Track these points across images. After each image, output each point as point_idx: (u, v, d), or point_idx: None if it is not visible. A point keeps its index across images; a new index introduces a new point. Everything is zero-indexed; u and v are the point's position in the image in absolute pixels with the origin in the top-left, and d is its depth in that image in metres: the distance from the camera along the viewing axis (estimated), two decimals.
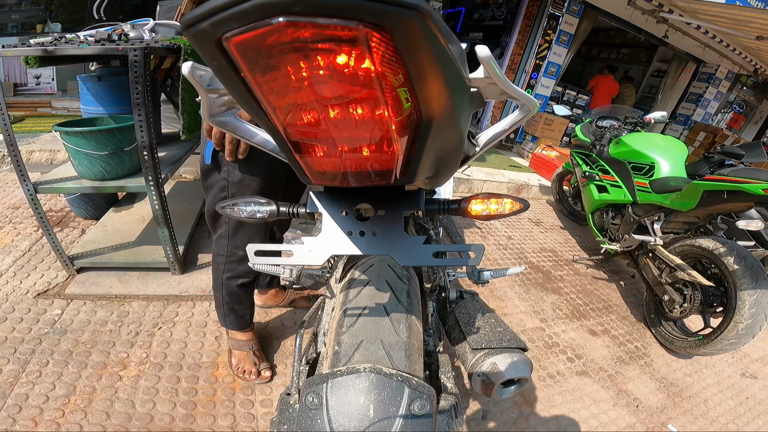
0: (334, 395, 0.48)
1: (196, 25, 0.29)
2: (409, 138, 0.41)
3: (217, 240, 1.23)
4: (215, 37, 0.30)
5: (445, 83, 0.35)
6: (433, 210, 0.63)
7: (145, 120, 1.43)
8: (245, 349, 1.42)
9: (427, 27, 0.28)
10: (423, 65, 0.32)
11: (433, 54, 0.31)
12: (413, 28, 0.28)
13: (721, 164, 2.35)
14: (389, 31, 0.28)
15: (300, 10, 0.26)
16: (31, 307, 1.57)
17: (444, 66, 0.33)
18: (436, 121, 0.39)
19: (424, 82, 0.34)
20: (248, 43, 0.29)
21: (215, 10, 0.27)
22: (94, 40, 1.48)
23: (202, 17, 0.28)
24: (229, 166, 1.05)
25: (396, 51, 0.30)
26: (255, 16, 0.27)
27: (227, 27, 0.28)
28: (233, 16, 0.27)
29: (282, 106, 0.37)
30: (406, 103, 0.36)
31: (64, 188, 1.57)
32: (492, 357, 0.69)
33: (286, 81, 0.33)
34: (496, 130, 0.61)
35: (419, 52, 0.30)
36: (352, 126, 0.38)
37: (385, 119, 0.37)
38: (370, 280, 0.69)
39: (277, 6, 0.26)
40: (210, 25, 0.28)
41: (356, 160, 0.45)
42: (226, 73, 0.34)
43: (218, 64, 0.33)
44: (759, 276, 1.67)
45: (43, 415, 1.18)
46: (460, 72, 0.36)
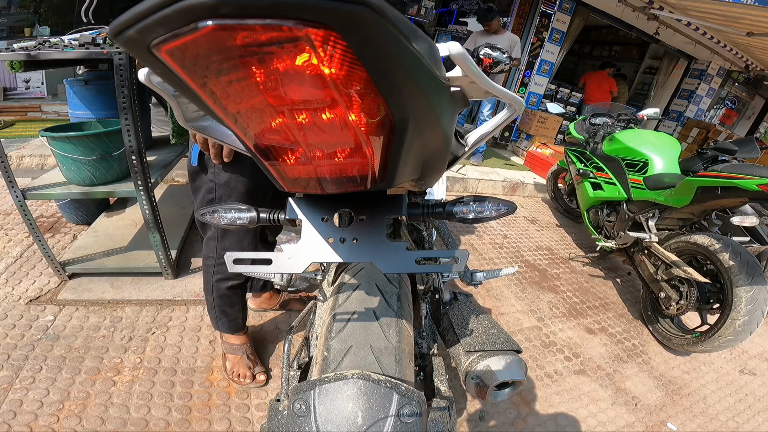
0: (322, 402, 0.47)
1: (123, 33, 0.26)
2: (384, 141, 0.39)
3: (207, 242, 1.22)
4: (145, 44, 0.27)
5: (416, 83, 0.33)
6: (417, 214, 0.61)
7: (133, 124, 1.42)
8: (239, 352, 1.40)
9: (380, 24, 0.25)
10: (384, 66, 0.29)
11: (394, 53, 0.28)
12: (364, 25, 0.25)
13: (715, 160, 2.36)
14: (337, 30, 0.25)
15: (227, 12, 0.23)
16: (23, 313, 1.55)
17: (410, 66, 0.31)
18: (412, 123, 0.37)
19: (390, 83, 0.31)
20: (179, 50, 0.27)
21: (139, 16, 0.25)
22: (78, 43, 1.47)
23: (127, 24, 0.25)
24: (215, 168, 1.04)
25: (351, 51, 0.27)
26: (180, 21, 0.24)
27: (154, 34, 0.26)
28: (157, 22, 0.25)
29: (239, 113, 0.35)
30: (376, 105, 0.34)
31: (53, 194, 1.55)
32: (486, 359, 0.68)
33: (233, 87, 0.31)
34: (484, 130, 0.60)
35: (377, 52, 0.28)
36: (317, 131, 0.36)
37: (351, 123, 0.35)
38: (359, 284, 0.68)
39: (202, 9, 0.23)
40: (137, 32, 0.26)
41: (329, 165, 0.43)
42: (172, 80, 0.32)
43: (161, 71, 0.30)
44: (755, 272, 1.67)
45: (38, 421, 1.18)
46: (432, 71, 0.34)
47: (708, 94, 7.24)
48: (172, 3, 0.23)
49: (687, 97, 7.17)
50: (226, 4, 0.23)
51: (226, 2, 0.23)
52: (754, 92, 8.59)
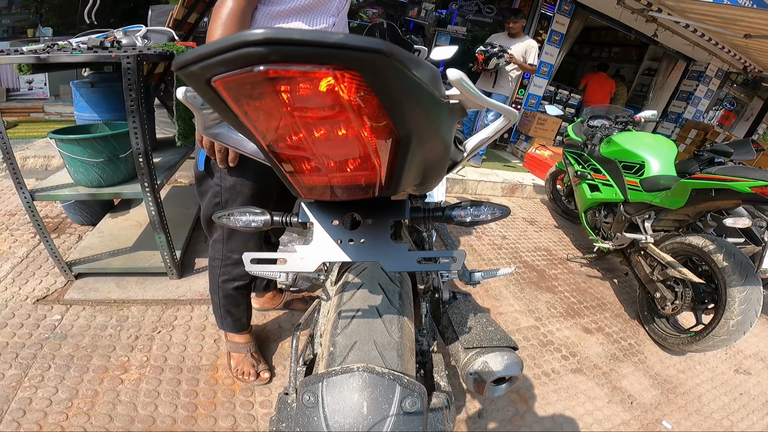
0: (330, 394, 0.50)
1: (187, 68, 0.33)
2: (391, 154, 0.44)
3: (213, 244, 1.25)
4: (205, 78, 0.34)
5: (418, 104, 0.39)
6: (419, 218, 0.66)
7: (140, 127, 1.45)
8: (243, 351, 1.44)
9: (391, 65, 0.32)
10: (392, 94, 0.36)
11: (400, 84, 0.35)
12: (379, 67, 0.32)
13: (711, 162, 2.40)
14: (357, 70, 0.32)
15: (276, 59, 0.31)
16: (30, 312, 1.58)
17: (414, 92, 0.37)
18: (415, 136, 0.42)
19: (396, 106, 0.38)
20: (233, 84, 0.34)
21: (203, 57, 0.32)
22: (86, 47, 1.50)
23: (192, 62, 0.32)
24: (221, 173, 1.07)
25: (366, 85, 0.34)
26: (238, 63, 0.31)
27: (215, 71, 0.33)
28: (219, 63, 0.31)
29: (267, 130, 0.42)
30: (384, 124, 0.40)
31: (61, 195, 1.58)
32: (483, 356, 0.71)
33: (268, 111, 0.38)
34: (482, 137, 0.63)
35: (388, 85, 0.35)
36: (333, 146, 0.43)
37: (363, 139, 0.41)
38: (363, 283, 0.71)
39: (257, 56, 0.30)
40: (200, 69, 0.33)
41: (341, 176, 0.49)
42: (216, 104, 0.39)
43: (209, 97, 0.37)
44: (748, 272, 1.70)
45: (47, 419, 1.20)
46: (433, 93, 0.40)
47: (706, 96, 7.27)
48: (233, 49, 0.30)
49: (685, 99, 7.19)
50: (275, 53, 0.30)
51: (276, 52, 0.30)
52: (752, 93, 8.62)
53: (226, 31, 0.87)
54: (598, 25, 5.99)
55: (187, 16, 2.50)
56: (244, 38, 0.29)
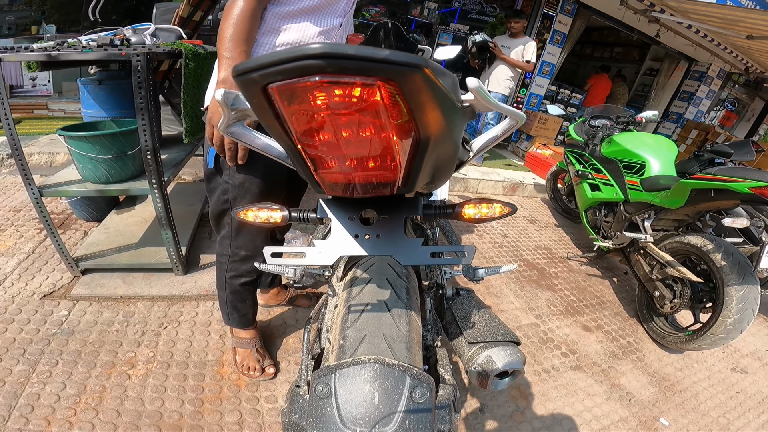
0: (342, 385, 0.52)
1: (247, 74, 0.37)
2: (410, 154, 0.48)
3: (221, 241, 1.26)
4: (262, 84, 0.38)
5: (440, 111, 0.43)
6: (430, 214, 0.69)
7: (149, 124, 1.46)
8: (249, 347, 1.46)
9: (427, 77, 0.37)
10: (422, 102, 0.40)
11: (431, 93, 0.39)
12: (416, 80, 0.37)
13: (711, 162, 2.41)
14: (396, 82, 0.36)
15: (332, 71, 0.35)
16: (37, 308, 1.60)
17: (439, 99, 0.41)
18: (433, 139, 0.46)
19: (423, 113, 0.41)
20: (288, 90, 0.38)
21: (265, 65, 0.36)
22: (96, 45, 1.51)
23: (254, 69, 0.36)
24: (230, 171, 1.09)
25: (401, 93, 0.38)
26: (296, 73, 0.35)
27: (273, 79, 0.37)
28: (279, 72, 0.35)
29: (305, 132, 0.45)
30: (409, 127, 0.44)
31: (69, 191, 1.60)
32: (487, 350, 0.74)
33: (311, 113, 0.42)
34: (488, 137, 0.65)
35: (419, 94, 0.39)
36: (361, 146, 0.47)
37: (390, 141, 0.45)
38: (371, 279, 0.74)
39: (315, 68, 0.34)
40: (260, 76, 0.37)
41: (364, 174, 0.52)
42: (262, 108, 0.43)
43: (258, 101, 0.41)
44: (746, 272, 1.72)
45: (55, 414, 1.21)
46: (453, 100, 0.44)
47: (708, 96, 7.27)
48: (293, 61, 0.34)
49: (687, 99, 7.19)
50: (331, 66, 0.34)
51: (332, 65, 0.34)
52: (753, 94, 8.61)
53: (237, 30, 0.89)
54: (601, 25, 6.00)
55: (193, 14, 2.51)
56: (304, 52, 0.33)
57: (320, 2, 0.99)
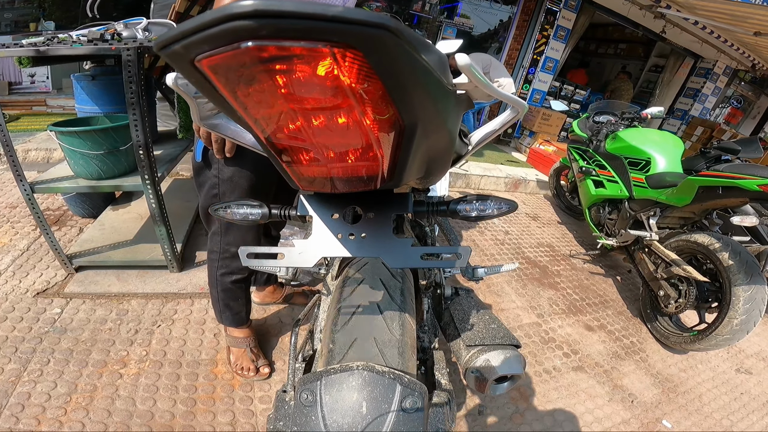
0: (328, 393, 0.49)
1: (169, 47, 0.30)
2: (394, 144, 0.42)
3: (211, 237, 1.24)
4: (189, 58, 0.31)
5: (426, 91, 0.36)
6: (422, 212, 0.64)
7: (140, 119, 1.44)
8: (242, 346, 1.43)
9: (396, 43, 0.29)
10: (398, 78, 0.33)
11: (408, 67, 0.32)
12: (383, 45, 0.29)
13: (718, 160, 2.36)
14: (360, 49, 0.29)
15: (266, 34, 0.27)
16: (30, 306, 1.58)
17: (421, 76, 0.34)
18: (421, 126, 0.40)
19: (402, 92, 0.34)
20: (219, 64, 0.31)
21: (186, 34, 0.28)
22: (86, 39, 1.48)
23: (174, 40, 0.29)
24: (219, 164, 1.06)
25: (369, 66, 0.31)
26: (224, 40, 0.28)
27: (199, 49, 0.29)
28: (203, 40, 0.28)
29: (262, 117, 0.38)
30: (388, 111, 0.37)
31: (61, 188, 1.57)
32: (485, 354, 0.70)
33: (261, 95, 0.35)
34: (488, 130, 0.61)
35: (393, 67, 0.31)
36: (334, 135, 0.40)
37: (365, 128, 0.38)
38: (364, 279, 0.70)
39: (245, 31, 0.27)
40: (182, 47, 0.29)
41: (342, 167, 0.46)
42: (205, 88, 0.35)
43: (196, 80, 0.34)
44: (754, 272, 1.68)
45: (45, 414, 1.19)
46: (440, 80, 0.37)
47: (714, 93, 7.19)
48: (218, 24, 0.26)
49: (692, 96, 7.12)
50: (266, 27, 0.26)
51: (266, 26, 0.26)
52: (760, 92, 8.51)
53: None
54: (605, 21, 5.92)
55: (190, 9, 2.47)
56: (230, 11, 0.26)
57: None
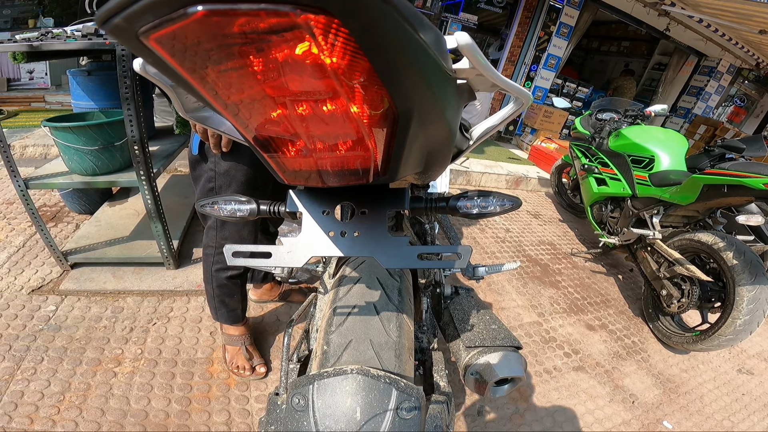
0: (321, 397, 0.47)
1: (110, 21, 0.24)
2: (387, 134, 0.37)
3: (207, 231, 1.21)
4: (133, 33, 0.25)
5: (421, 74, 0.32)
6: (420, 208, 0.60)
7: (135, 114, 1.41)
8: (238, 344, 1.41)
9: (384, 10, 0.24)
10: (387, 55, 0.28)
11: (400, 42, 0.27)
12: (366, 11, 0.23)
13: (722, 158, 2.33)
14: (338, 17, 0.23)
15: None
16: (25, 303, 1.56)
17: (415, 55, 0.29)
18: (417, 115, 0.36)
19: (393, 73, 0.30)
20: (168, 38, 0.25)
21: (125, 3, 0.23)
22: (80, 35, 1.46)
23: (114, 11, 0.23)
24: (215, 158, 1.04)
25: (353, 39, 0.25)
26: (168, 6, 0.22)
27: (142, 21, 0.24)
28: (144, 8, 0.23)
29: (233, 104, 0.33)
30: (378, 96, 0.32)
31: (55, 184, 1.55)
32: (486, 355, 0.68)
33: (228, 77, 0.29)
34: (490, 124, 0.59)
35: (381, 41, 0.26)
36: (319, 122, 0.35)
37: (353, 115, 0.33)
38: (361, 278, 0.68)
39: None
40: (123, 20, 0.24)
41: (330, 158, 0.41)
42: (166, 70, 0.30)
43: (153, 60, 0.29)
44: (758, 272, 1.66)
45: (38, 413, 1.18)
46: (438, 61, 0.32)
47: (717, 92, 7.15)
48: None
49: (695, 94, 7.08)
50: None
51: None
52: (763, 90, 8.47)
53: None
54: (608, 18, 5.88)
55: None
56: None
57: None
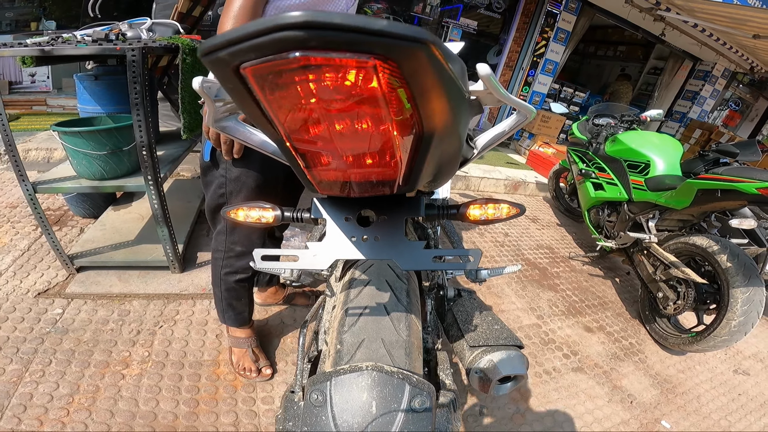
0: (338, 393, 0.50)
1: (214, 53, 0.30)
2: (412, 150, 0.43)
3: (216, 236, 1.24)
4: (233, 65, 0.31)
5: (447, 99, 0.37)
6: (433, 215, 0.65)
7: (144, 120, 1.44)
8: (244, 346, 1.43)
9: (432, 55, 0.30)
10: (427, 87, 0.34)
11: (437, 77, 0.33)
12: (419, 57, 0.30)
13: (716, 162, 2.38)
14: (396, 61, 0.30)
15: (315, 45, 0.28)
16: (32, 306, 1.57)
17: (446, 85, 0.35)
18: (438, 133, 0.41)
19: (428, 101, 0.36)
20: (264, 72, 0.32)
21: (234, 41, 0.29)
22: (91, 39, 1.48)
23: (220, 47, 0.30)
24: (226, 164, 1.07)
25: (402, 76, 0.32)
26: (272, 49, 0.29)
27: (245, 57, 0.30)
28: (251, 48, 0.29)
29: (290, 123, 0.40)
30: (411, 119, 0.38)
31: (63, 188, 1.57)
32: (489, 354, 0.71)
33: (295, 101, 0.36)
34: (494, 134, 0.62)
35: (424, 77, 0.33)
36: (357, 140, 0.41)
37: (389, 134, 0.39)
38: (370, 280, 0.71)
39: (294, 41, 0.28)
40: (228, 55, 0.30)
41: (360, 171, 0.47)
42: (239, 94, 0.36)
43: (233, 86, 0.35)
44: (751, 274, 1.70)
45: (48, 415, 1.19)
46: (461, 87, 0.38)
47: (712, 96, 7.23)
48: (268, 33, 0.28)
49: (691, 99, 7.16)
50: (314, 38, 0.27)
51: (315, 37, 0.27)
52: (758, 94, 8.57)
53: (238, 24, 0.86)
54: (605, 23, 5.95)
55: (192, 9, 2.48)
56: (281, 21, 0.27)
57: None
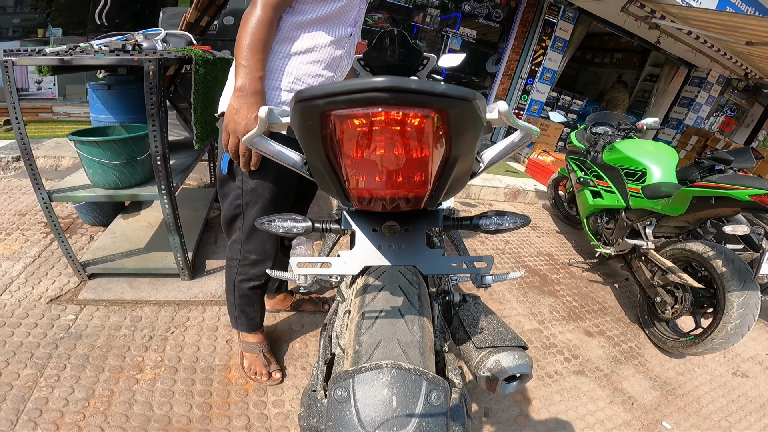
0: (361, 389, 0.54)
1: (310, 101, 0.40)
2: (438, 171, 0.52)
3: (231, 245, 1.28)
4: (322, 110, 0.41)
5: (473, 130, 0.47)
6: (450, 226, 0.73)
7: (159, 130, 1.48)
8: (256, 351, 1.47)
9: (474, 109, 0.42)
10: (465, 129, 0.45)
11: (473, 122, 0.44)
12: (465, 110, 0.42)
13: (711, 170, 2.44)
14: (449, 112, 0.41)
15: (393, 102, 0.38)
16: (44, 312, 1.61)
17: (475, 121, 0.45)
18: (461, 157, 0.50)
19: (461, 137, 0.46)
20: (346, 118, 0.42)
21: (332, 94, 0.39)
22: (108, 50, 1.52)
23: (320, 96, 0.40)
24: (243, 176, 1.11)
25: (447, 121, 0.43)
26: (360, 103, 0.39)
27: (336, 106, 0.40)
28: (345, 101, 0.39)
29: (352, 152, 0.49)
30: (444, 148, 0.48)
31: (79, 197, 1.61)
32: (495, 355, 0.75)
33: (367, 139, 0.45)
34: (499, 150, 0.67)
35: (464, 122, 0.43)
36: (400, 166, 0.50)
37: (426, 161, 0.49)
38: (384, 286, 0.75)
39: (380, 100, 0.38)
40: (324, 103, 0.40)
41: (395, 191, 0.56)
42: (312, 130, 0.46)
43: (312, 125, 0.45)
44: (746, 278, 1.74)
45: (64, 419, 1.22)
46: (483, 119, 0.47)
47: (707, 102, 7.32)
48: (362, 92, 0.38)
49: (687, 105, 7.25)
50: (395, 98, 0.38)
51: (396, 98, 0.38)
52: (753, 100, 8.67)
53: (254, 39, 0.91)
54: (601, 31, 6.05)
55: (200, 19, 2.54)
56: (372, 85, 0.36)
57: (333, 12, 1.02)
